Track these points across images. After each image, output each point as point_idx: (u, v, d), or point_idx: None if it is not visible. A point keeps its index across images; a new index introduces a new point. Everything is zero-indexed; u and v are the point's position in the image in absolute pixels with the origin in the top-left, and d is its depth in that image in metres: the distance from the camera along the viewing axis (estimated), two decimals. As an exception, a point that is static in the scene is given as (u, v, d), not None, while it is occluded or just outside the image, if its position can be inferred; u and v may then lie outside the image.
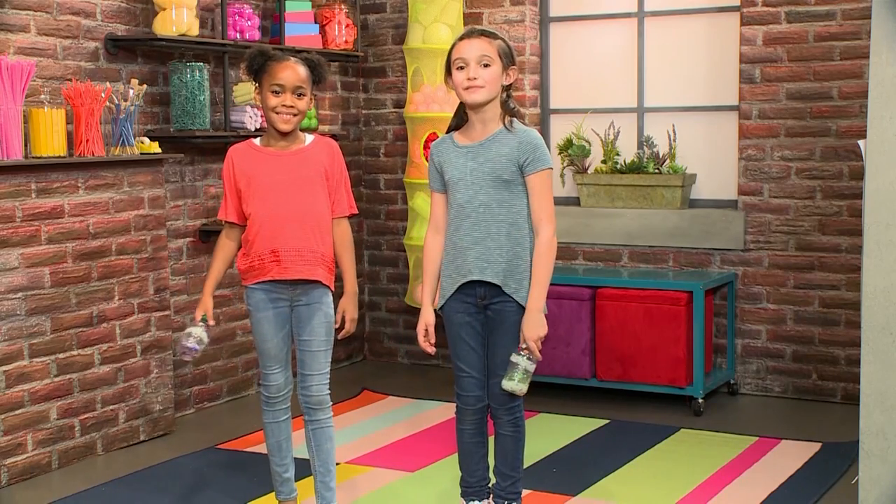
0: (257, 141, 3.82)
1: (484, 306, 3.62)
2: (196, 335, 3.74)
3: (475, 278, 3.58)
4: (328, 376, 3.83)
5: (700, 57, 5.99)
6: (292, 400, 3.90)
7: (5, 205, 4.40)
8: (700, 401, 5.40)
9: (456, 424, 3.77)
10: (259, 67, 3.72)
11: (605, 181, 6.02)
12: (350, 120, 6.63)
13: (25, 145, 4.52)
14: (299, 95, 3.69)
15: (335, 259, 3.82)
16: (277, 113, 3.68)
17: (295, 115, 3.70)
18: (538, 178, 3.56)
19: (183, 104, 5.25)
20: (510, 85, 3.61)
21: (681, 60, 6.03)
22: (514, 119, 3.61)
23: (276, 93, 3.67)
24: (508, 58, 3.57)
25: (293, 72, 3.68)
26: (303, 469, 4.17)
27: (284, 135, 3.74)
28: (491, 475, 3.80)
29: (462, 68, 3.53)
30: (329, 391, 3.84)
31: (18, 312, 4.48)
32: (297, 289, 3.76)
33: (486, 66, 3.52)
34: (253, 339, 3.92)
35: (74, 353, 4.72)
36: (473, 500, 3.80)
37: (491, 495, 3.80)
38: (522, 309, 3.58)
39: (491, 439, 3.75)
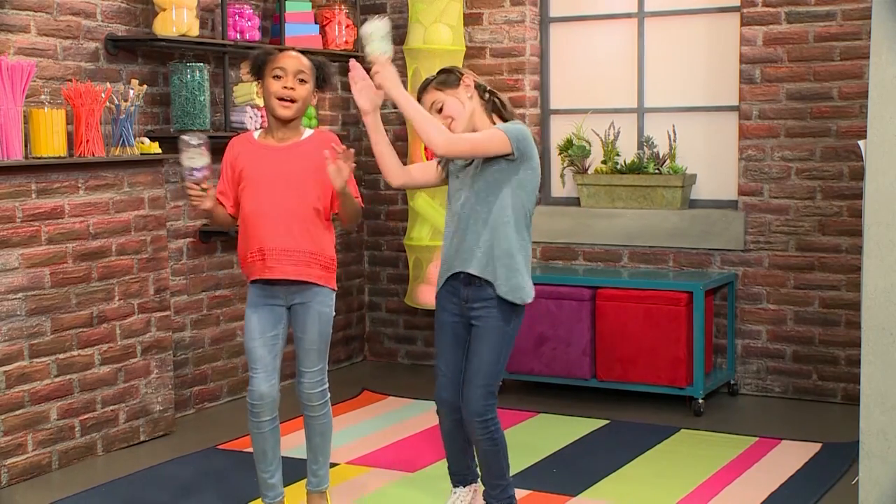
0: (256, 134, 3.82)
1: (468, 309, 3.70)
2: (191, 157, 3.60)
3: (456, 270, 3.67)
4: (322, 374, 3.82)
5: (700, 57, 5.99)
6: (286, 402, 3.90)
7: (5, 205, 4.40)
8: (700, 401, 5.40)
9: (439, 422, 3.90)
10: (262, 63, 3.73)
11: (605, 181, 6.02)
12: (350, 120, 6.63)
13: (25, 145, 4.52)
14: (301, 81, 3.69)
15: (334, 253, 3.82)
16: (279, 98, 3.68)
17: (294, 101, 3.69)
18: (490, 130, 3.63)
19: (183, 104, 5.25)
20: (483, 89, 3.72)
21: (681, 60, 6.03)
22: (501, 119, 3.74)
23: (277, 77, 3.68)
24: (449, 83, 3.69)
25: (296, 58, 3.72)
26: (296, 472, 4.18)
27: (283, 124, 3.73)
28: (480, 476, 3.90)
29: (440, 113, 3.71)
30: (323, 388, 3.83)
31: (19, 313, 4.48)
32: (293, 288, 3.75)
33: (439, 111, 3.69)
34: (243, 337, 3.91)
35: (74, 353, 4.72)
36: (459, 486, 3.95)
37: (479, 479, 3.92)
38: (500, 315, 3.64)
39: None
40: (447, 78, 3.71)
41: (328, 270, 3.78)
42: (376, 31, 3.55)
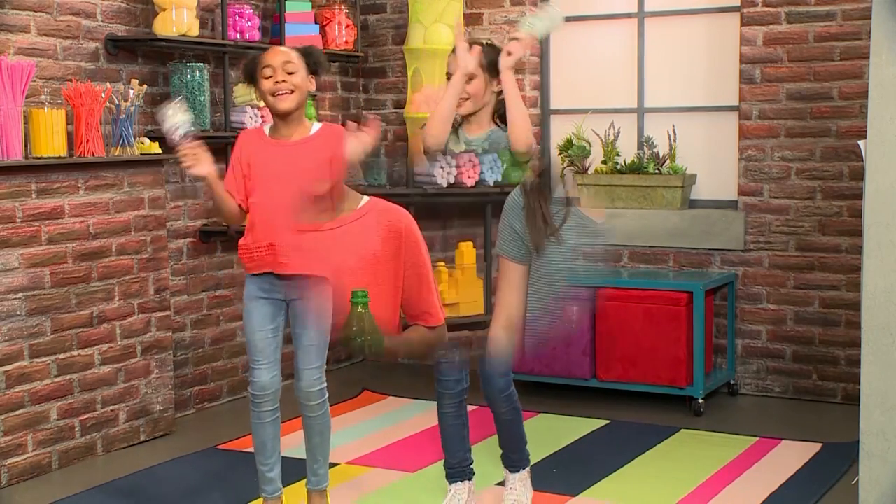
0: (266, 129, 3.82)
1: None
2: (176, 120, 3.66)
3: None
4: (320, 372, 3.80)
5: (700, 57, 5.99)
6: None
7: (5, 205, 4.40)
8: (700, 401, 5.40)
9: (438, 409, 3.96)
10: (253, 69, 3.74)
11: (605, 181, 6.02)
12: (350, 120, 6.62)
13: (26, 145, 4.52)
14: (290, 72, 3.69)
15: None
16: (274, 95, 3.68)
17: (291, 91, 3.69)
18: None
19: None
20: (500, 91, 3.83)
21: (681, 60, 6.04)
22: (496, 124, 3.91)
23: (267, 76, 3.69)
24: (493, 73, 3.77)
25: (279, 52, 3.73)
26: (296, 471, 4.18)
27: (287, 118, 3.73)
28: (478, 460, 4.03)
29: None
30: (322, 387, 3.82)
31: (19, 313, 4.48)
32: (293, 282, 3.74)
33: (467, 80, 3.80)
34: (243, 331, 3.90)
35: (75, 353, 4.72)
36: (456, 481, 3.99)
37: (473, 477, 4.02)
38: None
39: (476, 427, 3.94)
40: (495, 67, 3.75)
41: None
42: (554, 18, 3.70)
